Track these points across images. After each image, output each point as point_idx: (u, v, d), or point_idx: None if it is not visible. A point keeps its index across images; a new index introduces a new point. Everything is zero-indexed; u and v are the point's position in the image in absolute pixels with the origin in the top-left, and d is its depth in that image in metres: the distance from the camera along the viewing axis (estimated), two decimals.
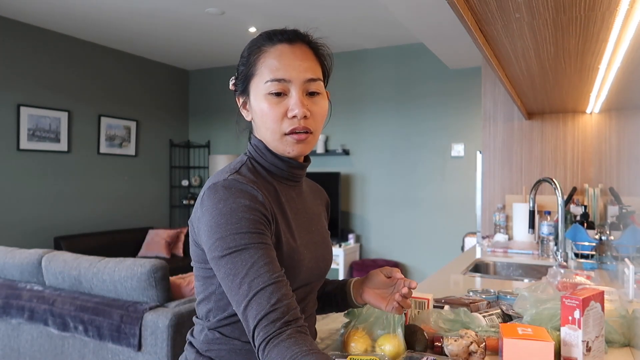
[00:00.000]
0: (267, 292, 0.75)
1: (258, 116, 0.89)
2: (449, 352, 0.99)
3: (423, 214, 5.01)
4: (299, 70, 0.86)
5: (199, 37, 4.98)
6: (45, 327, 2.38)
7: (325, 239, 1.00)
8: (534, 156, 3.12)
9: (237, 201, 0.80)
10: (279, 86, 0.86)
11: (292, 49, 0.87)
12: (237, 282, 0.77)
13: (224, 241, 0.78)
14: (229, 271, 0.78)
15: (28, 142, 4.59)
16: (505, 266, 2.40)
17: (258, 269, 0.76)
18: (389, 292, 1.00)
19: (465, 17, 1.20)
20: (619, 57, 1.59)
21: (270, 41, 0.88)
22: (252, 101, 0.89)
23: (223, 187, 0.81)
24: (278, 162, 0.91)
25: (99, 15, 4.37)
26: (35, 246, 4.38)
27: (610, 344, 1.11)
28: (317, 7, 4.08)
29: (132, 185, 5.64)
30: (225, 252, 0.78)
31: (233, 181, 0.82)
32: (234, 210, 0.79)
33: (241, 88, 0.92)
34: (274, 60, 0.86)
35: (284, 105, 0.86)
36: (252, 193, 0.82)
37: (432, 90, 4.99)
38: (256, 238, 0.79)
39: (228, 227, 0.78)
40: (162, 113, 6.05)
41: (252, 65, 0.88)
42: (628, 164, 2.90)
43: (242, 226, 0.78)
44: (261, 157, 0.92)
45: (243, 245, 0.78)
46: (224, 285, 0.79)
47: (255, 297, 0.75)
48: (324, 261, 0.97)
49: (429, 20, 3.52)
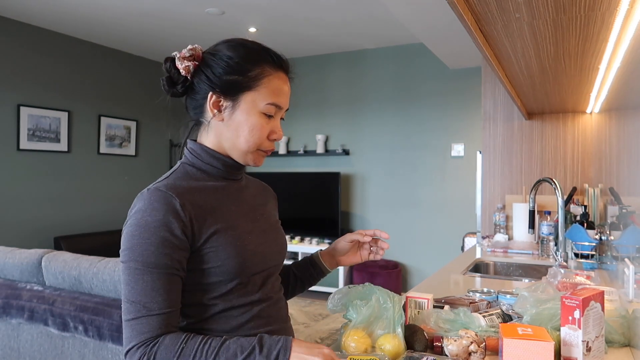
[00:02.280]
0: (148, 321, 0.83)
1: (242, 126, 0.94)
2: (449, 352, 0.99)
3: (423, 214, 5.01)
4: (287, 100, 0.98)
5: (199, 37, 4.98)
6: (45, 327, 2.38)
7: (274, 226, 1.07)
8: (534, 156, 3.12)
9: (154, 214, 0.86)
10: (274, 110, 0.95)
11: (286, 79, 0.98)
12: (130, 295, 0.85)
13: (132, 252, 0.85)
14: (128, 280, 0.85)
15: (28, 142, 4.59)
16: (505, 266, 2.40)
17: (152, 292, 0.84)
18: (357, 249, 1.16)
19: (465, 17, 1.20)
20: (619, 57, 1.59)
21: (273, 63, 0.95)
22: (240, 111, 0.94)
23: (144, 198, 0.88)
24: (214, 161, 0.98)
25: (99, 15, 4.37)
26: (35, 246, 4.38)
27: (610, 344, 1.11)
28: (317, 7, 4.08)
29: (132, 185, 5.64)
30: (129, 262, 0.85)
31: (155, 191, 0.88)
32: (149, 223, 0.85)
33: (228, 92, 0.94)
34: (278, 86, 0.95)
35: (270, 126, 0.96)
36: (170, 202, 0.87)
37: (432, 90, 4.99)
38: (162, 260, 0.85)
39: (140, 240, 0.85)
40: (162, 113, 6.05)
41: (253, 80, 0.93)
42: (628, 164, 2.90)
43: (152, 243, 0.85)
44: (198, 160, 0.98)
45: (149, 264, 0.84)
46: (122, 289, 0.87)
47: (141, 319, 0.83)
48: (277, 245, 1.04)
49: (429, 20, 3.52)
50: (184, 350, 0.81)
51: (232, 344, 0.82)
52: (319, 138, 5.40)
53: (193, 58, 0.95)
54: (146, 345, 0.81)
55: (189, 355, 0.81)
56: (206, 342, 0.82)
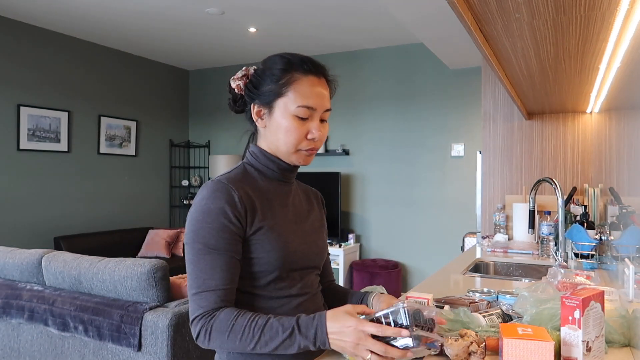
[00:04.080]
0: (207, 295, 0.95)
1: (280, 130, 1.04)
2: (449, 352, 0.99)
3: (423, 214, 5.01)
4: (322, 101, 1.05)
5: (199, 37, 4.98)
6: (45, 327, 2.38)
7: (317, 229, 1.16)
8: (534, 156, 3.12)
9: (216, 202, 0.97)
10: (307, 112, 1.03)
11: (319, 82, 1.05)
12: (192, 272, 0.97)
13: (196, 234, 0.97)
14: (191, 259, 0.97)
15: (28, 142, 4.59)
16: (505, 266, 2.40)
17: (211, 271, 0.96)
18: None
19: (465, 17, 1.20)
20: (619, 57, 1.59)
21: (302, 69, 1.03)
22: (276, 116, 1.04)
23: (208, 187, 1.00)
24: (270, 164, 1.09)
25: (99, 15, 4.37)
26: (35, 246, 4.38)
27: (610, 344, 1.11)
28: (317, 7, 4.08)
29: (132, 185, 5.64)
30: (193, 243, 0.97)
31: (218, 182, 1.00)
32: (212, 210, 0.97)
33: (265, 100, 1.04)
34: (307, 89, 1.03)
35: (306, 127, 1.04)
36: (230, 193, 0.99)
37: (432, 90, 4.99)
38: (221, 243, 0.96)
39: (203, 224, 0.97)
40: (162, 113, 6.05)
41: (283, 86, 1.02)
42: (628, 164, 2.90)
43: (213, 227, 0.96)
44: (256, 162, 1.10)
45: (210, 245, 0.96)
46: (187, 267, 0.98)
47: (202, 294, 0.95)
48: (316, 247, 1.13)
49: (429, 20, 3.52)
50: (234, 326, 0.92)
51: (275, 323, 0.91)
52: None
53: (245, 77, 1.07)
54: (205, 317, 0.94)
55: (239, 332, 0.91)
56: (254, 319, 0.92)
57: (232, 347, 0.93)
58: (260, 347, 0.91)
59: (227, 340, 0.92)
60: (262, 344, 0.91)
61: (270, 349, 0.90)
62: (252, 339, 0.91)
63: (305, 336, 0.88)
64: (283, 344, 0.90)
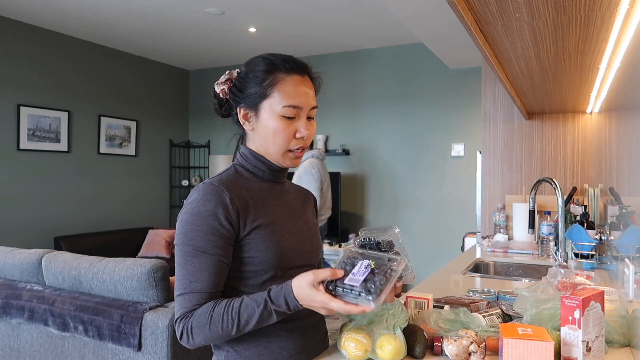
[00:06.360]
0: (191, 297, 0.96)
1: (268, 131, 1.04)
2: (448, 352, 0.99)
3: (423, 214, 5.01)
4: (308, 99, 1.05)
5: (199, 37, 4.98)
6: (45, 327, 2.38)
7: (310, 227, 1.16)
8: (534, 156, 3.12)
9: (207, 205, 0.97)
10: (293, 111, 1.03)
11: (303, 80, 1.05)
12: (180, 274, 0.97)
13: (186, 236, 0.97)
14: (179, 261, 0.98)
15: (28, 142, 4.59)
16: (505, 266, 2.40)
17: (198, 273, 0.96)
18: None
19: (465, 17, 1.20)
20: (619, 57, 1.59)
21: (285, 69, 1.03)
22: (263, 118, 1.04)
23: (199, 190, 1.00)
24: (261, 165, 1.09)
25: (99, 15, 4.37)
26: (35, 246, 4.38)
27: (610, 344, 1.11)
28: (317, 7, 4.08)
29: (132, 185, 5.64)
30: (182, 245, 0.97)
31: (209, 185, 1.00)
32: (202, 213, 0.97)
33: (250, 103, 1.04)
34: (291, 89, 1.03)
35: (293, 127, 1.04)
36: (221, 195, 0.99)
37: (432, 90, 4.99)
38: (209, 246, 0.96)
39: (193, 226, 0.97)
40: (162, 113, 6.05)
41: (267, 87, 1.02)
42: (628, 164, 2.90)
43: (202, 230, 0.96)
44: (247, 163, 1.10)
45: (199, 248, 0.96)
46: (175, 268, 0.99)
47: (185, 295, 0.96)
48: (311, 246, 1.13)
49: (429, 21, 3.52)
50: (212, 316, 0.93)
51: (249, 301, 0.93)
52: (319, 138, 5.40)
53: (228, 81, 1.07)
54: (186, 317, 0.95)
55: (218, 320, 0.93)
56: (229, 305, 0.94)
57: (216, 337, 0.94)
58: (242, 328, 0.93)
59: (210, 332, 0.93)
60: (243, 324, 0.92)
61: (252, 326, 0.93)
62: (233, 323, 0.92)
63: (278, 305, 0.91)
64: (262, 318, 0.92)
